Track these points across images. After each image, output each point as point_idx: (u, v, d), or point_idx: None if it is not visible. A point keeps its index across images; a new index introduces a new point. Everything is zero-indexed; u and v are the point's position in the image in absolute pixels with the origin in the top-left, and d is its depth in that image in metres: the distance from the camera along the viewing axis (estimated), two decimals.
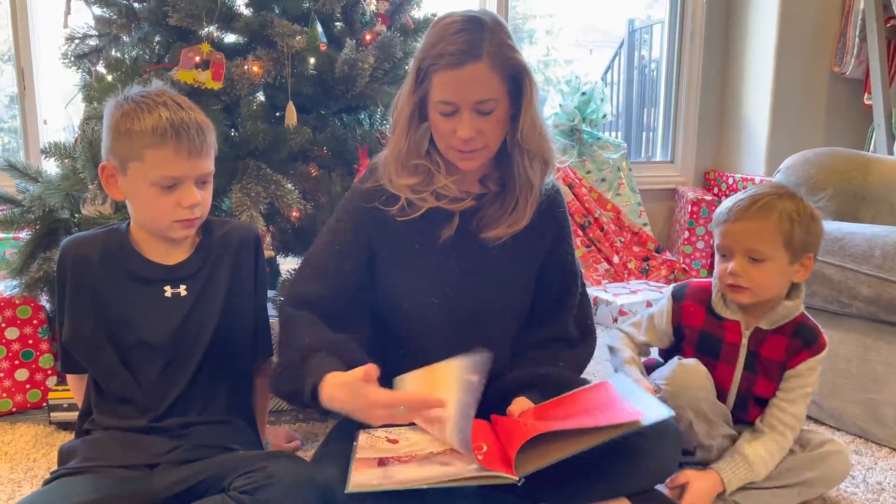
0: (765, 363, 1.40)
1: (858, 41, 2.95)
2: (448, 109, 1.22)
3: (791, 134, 3.11)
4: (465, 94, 1.20)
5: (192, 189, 1.17)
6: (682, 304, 1.46)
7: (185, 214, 1.18)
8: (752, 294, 1.34)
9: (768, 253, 1.31)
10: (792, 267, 1.34)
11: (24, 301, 1.81)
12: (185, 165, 1.16)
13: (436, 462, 1.11)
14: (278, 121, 1.77)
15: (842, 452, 1.40)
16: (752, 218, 1.32)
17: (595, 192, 3.19)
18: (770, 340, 1.39)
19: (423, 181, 1.29)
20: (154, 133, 1.13)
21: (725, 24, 3.33)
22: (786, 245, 1.31)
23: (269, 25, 1.72)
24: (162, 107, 1.15)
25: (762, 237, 1.31)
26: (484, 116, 1.22)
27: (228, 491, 1.07)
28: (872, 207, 2.05)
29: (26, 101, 2.77)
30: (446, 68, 1.20)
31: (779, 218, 1.31)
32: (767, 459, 1.36)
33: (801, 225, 1.32)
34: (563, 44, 4.27)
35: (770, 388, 1.41)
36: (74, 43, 1.87)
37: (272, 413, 1.80)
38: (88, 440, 1.20)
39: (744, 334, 1.40)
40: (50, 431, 1.73)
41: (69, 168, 1.76)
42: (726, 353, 1.41)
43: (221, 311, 1.25)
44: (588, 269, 3.06)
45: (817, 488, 1.42)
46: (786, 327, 1.39)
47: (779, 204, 1.32)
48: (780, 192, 1.35)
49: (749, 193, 1.35)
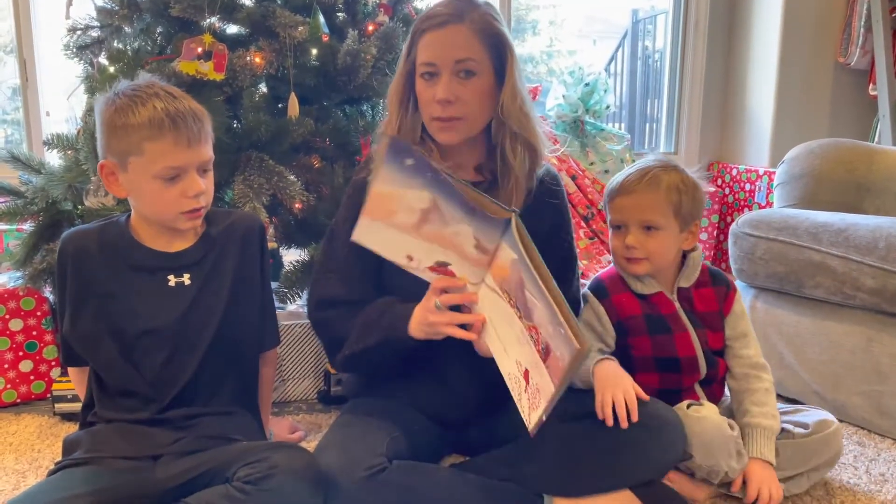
0: (703, 317, 1.43)
1: (864, 31, 2.93)
2: (430, 70, 1.25)
3: (795, 125, 3.09)
4: (445, 53, 1.23)
5: (195, 177, 1.17)
6: (610, 299, 1.44)
7: (192, 204, 1.18)
8: (648, 265, 1.39)
9: (661, 222, 1.37)
10: (681, 235, 1.40)
11: (27, 292, 1.81)
12: (186, 154, 1.15)
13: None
14: (280, 112, 1.77)
15: (838, 430, 1.40)
16: (644, 191, 1.37)
17: (598, 184, 3.18)
18: (697, 295, 1.43)
19: None
20: (151, 125, 1.13)
21: (729, 15, 3.31)
22: (675, 214, 1.38)
23: (272, 16, 1.71)
24: (155, 98, 1.15)
25: (654, 208, 1.37)
26: (463, 81, 1.24)
27: (232, 481, 1.08)
28: (877, 198, 2.05)
29: (28, 92, 2.76)
30: (430, 30, 1.24)
31: (667, 189, 1.37)
32: (770, 409, 1.38)
33: (687, 195, 1.38)
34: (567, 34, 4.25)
35: (719, 337, 1.44)
36: (76, 34, 1.87)
37: (275, 404, 1.81)
38: (92, 431, 1.20)
39: (672, 299, 1.42)
40: (54, 422, 1.74)
41: (72, 160, 1.76)
42: (674, 324, 1.41)
43: (227, 302, 1.25)
44: (591, 260, 3.06)
45: (822, 471, 1.43)
46: (702, 279, 1.44)
47: (665, 176, 1.38)
48: (665, 165, 1.40)
49: (636, 168, 1.41)
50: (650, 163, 1.41)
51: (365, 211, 1.14)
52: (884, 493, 1.45)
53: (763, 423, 1.36)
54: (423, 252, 1.17)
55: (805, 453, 1.37)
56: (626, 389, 1.23)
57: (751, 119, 3.24)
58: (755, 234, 1.90)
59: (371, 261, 1.33)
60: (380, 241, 1.17)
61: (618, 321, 1.43)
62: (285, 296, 1.75)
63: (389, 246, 1.17)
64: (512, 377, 1.13)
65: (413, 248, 1.16)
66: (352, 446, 1.20)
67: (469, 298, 1.17)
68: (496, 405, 1.36)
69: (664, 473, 1.33)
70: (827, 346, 1.79)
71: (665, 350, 1.39)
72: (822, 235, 1.78)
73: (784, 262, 1.83)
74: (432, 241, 1.15)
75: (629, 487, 1.28)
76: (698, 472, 1.34)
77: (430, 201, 1.11)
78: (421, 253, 1.17)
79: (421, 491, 1.18)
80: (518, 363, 1.11)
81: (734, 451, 1.33)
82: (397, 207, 1.12)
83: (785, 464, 1.37)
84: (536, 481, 1.26)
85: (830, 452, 1.39)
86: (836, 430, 1.39)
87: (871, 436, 1.71)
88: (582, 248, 2.89)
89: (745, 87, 3.27)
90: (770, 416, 1.37)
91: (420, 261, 1.17)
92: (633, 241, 1.38)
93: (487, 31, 1.24)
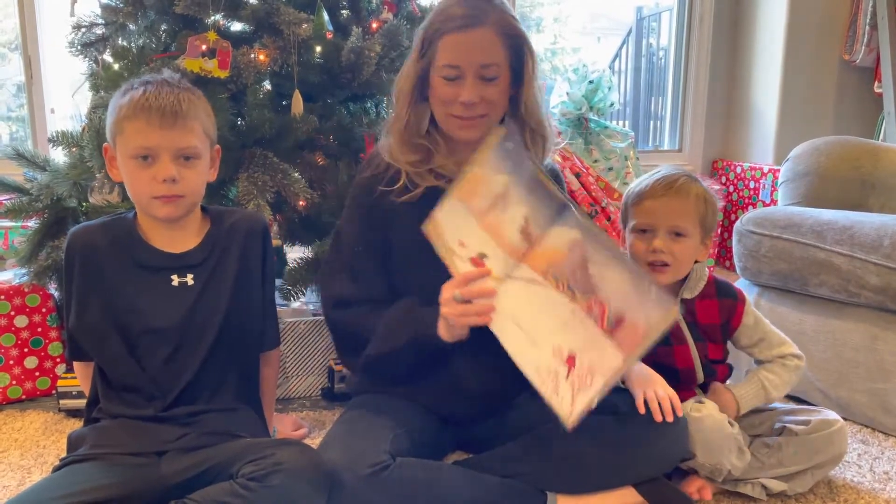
0: (705, 329, 1.43)
1: (869, 29, 2.92)
2: (452, 73, 1.23)
3: (800, 122, 3.08)
4: (471, 57, 1.22)
5: (166, 162, 1.17)
6: None
7: (163, 190, 1.17)
8: (672, 272, 1.39)
9: (689, 230, 1.38)
10: (701, 246, 1.41)
11: (32, 289, 1.82)
12: (157, 136, 1.16)
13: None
14: (285, 109, 1.77)
15: (842, 428, 1.40)
16: (675, 196, 1.38)
17: (602, 181, 3.18)
18: (700, 307, 1.43)
19: (422, 160, 1.30)
20: (131, 105, 1.17)
21: (734, 12, 3.29)
22: (700, 224, 1.39)
23: (276, 13, 1.71)
24: (150, 84, 1.19)
25: (684, 214, 1.38)
26: (487, 83, 1.24)
27: (236, 478, 1.08)
28: (882, 196, 2.04)
29: (33, 89, 2.77)
30: (453, 31, 1.22)
31: (696, 198, 1.39)
32: (780, 384, 1.41)
33: (710, 207, 1.40)
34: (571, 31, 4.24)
35: (719, 349, 1.45)
36: (81, 31, 1.87)
37: (279, 401, 1.81)
38: (97, 427, 1.21)
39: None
40: (59, 419, 1.75)
41: (76, 157, 1.77)
42: (675, 335, 1.42)
43: (229, 301, 1.25)
44: None
45: (826, 468, 1.42)
46: (707, 290, 1.44)
47: (693, 186, 1.39)
48: (689, 175, 1.42)
49: (663, 174, 1.41)
50: (674, 171, 1.41)
51: (455, 192, 1.18)
52: (888, 490, 1.45)
53: (766, 385, 1.40)
54: (476, 239, 1.18)
55: (808, 451, 1.37)
56: (664, 386, 1.26)
57: (755, 116, 3.23)
58: (759, 231, 1.90)
59: (380, 258, 1.33)
60: (450, 224, 1.20)
61: None
62: (289, 293, 1.75)
63: (453, 230, 1.20)
64: (542, 370, 1.12)
65: (469, 234, 1.19)
66: (355, 443, 1.21)
67: (490, 291, 1.17)
68: (500, 402, 1.36)
69: (667, 470, 1.33)
70: (831, 343, 1.79)
71: (663, 360, 1.38)
72: (826, 233, 1.78)
73: (788, 259, 1.83)
74: (487, 230, 1.18)
75: (633, 484, 1.28)
76: (701, 470, 1.35)
77: (504, 186, 1.15)
78: (473, 240, 1.19)
79: (424, 488, 1.19)
80: (558, 351, 1.10)
81: (735, 448, 1.33)
82: (481, 190, 1.17)
83: (788, 461, 1.37)
84: (540, 478, 1.27)
85: (834, 450, 1.39)
86: (839, 429, 1.39)
87: (875, 434, 1.71)
88: None
89: (749, 85, 3.26)
90: (775, 390, 1.40)
91: (469, 248, 1.19)
92: (661, 245, 1.37)
93: (509, 33, 1.24)
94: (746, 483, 1.38)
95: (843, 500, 1.41)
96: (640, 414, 1.23)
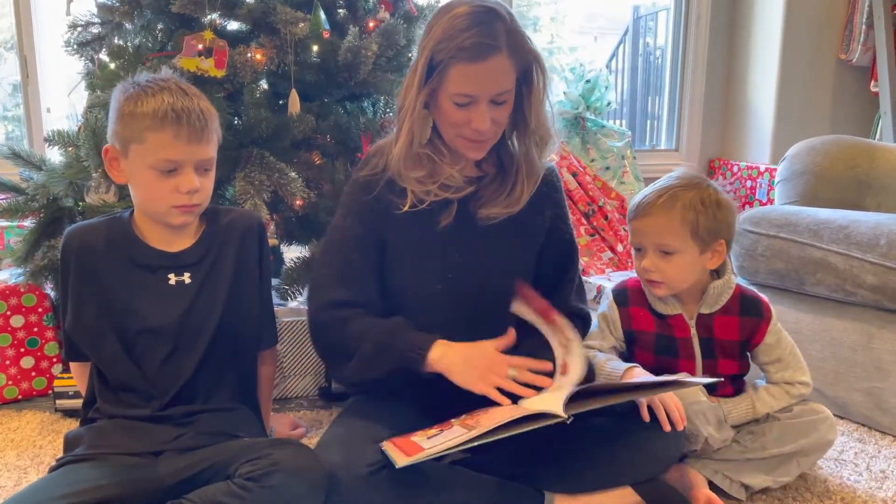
0: (722, 345, 1.41)
1: (865, 28, 2.92)
2: (465, 101, 1.22)
3: (797, 121, 3.09)
4: (486, 87, 1.20)
5: (190, 174, 1.17)
6: (628, 310, 1.45)
7: (184, 200, 1.18)
8: (667, 287, 1.37)
9: (676, 246, 1.34)
10: (704, 256, 1.36)
11: (29, 289, 1.81)
12: (184, 150, 1.16)
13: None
14: (281, 109, 1.77)
15: (829, 418, 1.40)
16: (657, 213, 1.34)
17: (599, 181, 3.18)
18: (719, 322, 1.40)
19: (428, 173, 1.28)
20: (155, 116, 1.14)
21: (731, 11, 3.30)
22: (692, 235, 1.33)
23: (272, 12, 1.71)
24: (166, 91, 1.16)
25: (668, 231, 1.34)
26: (498, 107, 1.23)
27: (234, 478, 1.08)
28: (878, 195, 2.05)
29: (29, 89, 2.76)
30: (467, 62, 1.19)
31: (682, 209, 1.33)
32: (772, 405, 1.39)
33: (705, 214, 1.33)
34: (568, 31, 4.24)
35: (733, 365, 1.42)
36: (77, 31, 1.87)
37: (277, 401, 1.81)
38: (94, 427, 1.21)
39: (690, 325, 1.41)
40: (56, 419, 1.74)
41: (73, 156, 1.76)
42: (683, 349, 1.41)
43: (226, 300, 1.25)
44: (592, 257, 3.06)
45: (812, 456, 1.42)
46: (730, 306, 1.40)
47: (683, 195, 1.34)
48: (686, 182, 1.36)
49: (656, 186, 1.38)
50: (670, 180, 1.37)
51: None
52: (884, 489, 1.45)
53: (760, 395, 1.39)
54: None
55: (791, 434, 1.37)
56: (671, 394, 1.25)
57: (752, 116, 3.24)
58: (756, 230, 1.90)
59: (374, 261, 1.33)
60: None
61: (629, 329, 1.45)
62: (286, 292, 1.75)
63: None
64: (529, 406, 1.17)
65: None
66: (353, 443, 1.20)
67: (545, 382, 1.19)
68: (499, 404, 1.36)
69: (664, 470, 1.33)
70: (828, 343, 1.79)
71: (666, 370, 1.37)
72: (823, 232, 1.78)
73: (785, 259, 1.83)
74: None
75: (630, 484, 1.28)
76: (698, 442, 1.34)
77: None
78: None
79: (422, 488, 1.19)
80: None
81: (712, 419, 1.34)
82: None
83: (771, 444, 1.37)
84: (538, 479, 1.27)
85: (819, 437, 1.38)
86: (825, 418, 1.39)
87: (871, 433, 1.71)
88: (583, 245, 2.89)
89: (746, 84, 3.26)
90: (764, 406, 1.39)
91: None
92: (648, 265, 1.36)
93: (522, 56, 1.23)
94: (725, 478, 1.37)
95: (839, 498, 1.41)
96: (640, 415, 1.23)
